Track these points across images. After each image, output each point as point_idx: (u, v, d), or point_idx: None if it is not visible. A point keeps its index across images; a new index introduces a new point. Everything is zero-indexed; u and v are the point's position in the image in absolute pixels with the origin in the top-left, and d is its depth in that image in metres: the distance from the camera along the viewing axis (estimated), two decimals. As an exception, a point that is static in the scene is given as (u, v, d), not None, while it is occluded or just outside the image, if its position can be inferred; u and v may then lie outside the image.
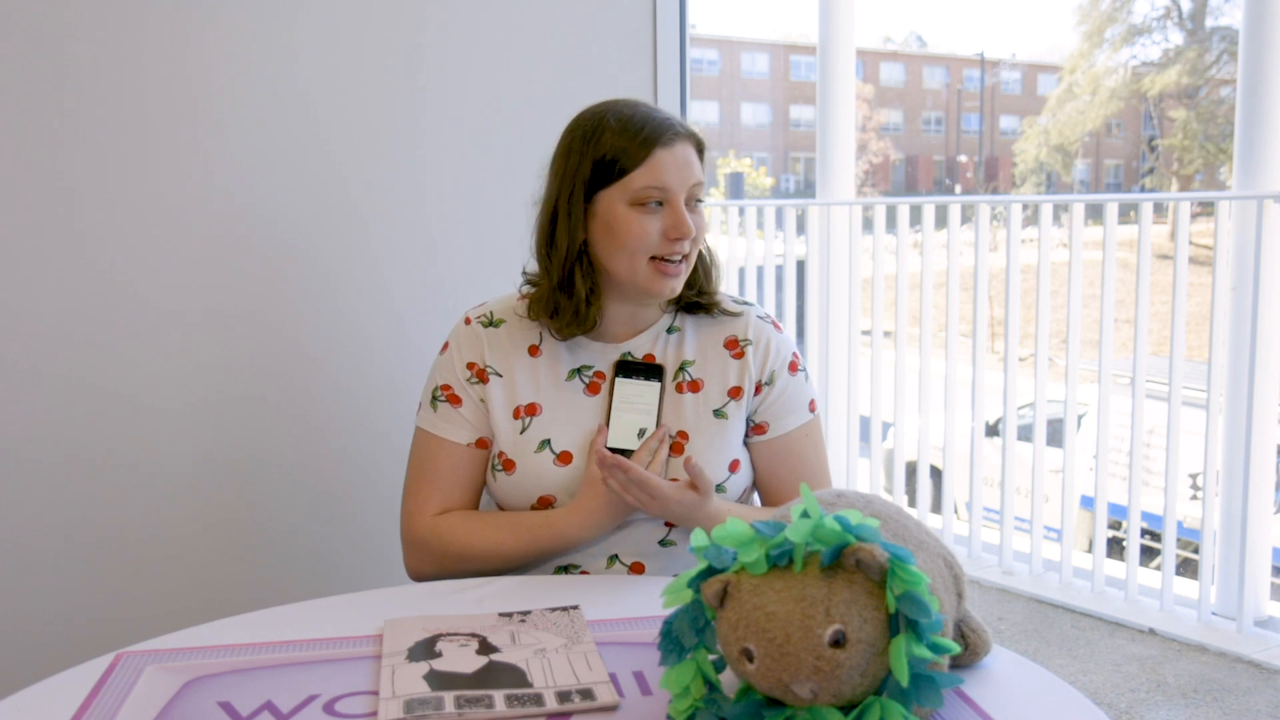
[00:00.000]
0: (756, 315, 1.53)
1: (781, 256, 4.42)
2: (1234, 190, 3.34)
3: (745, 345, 1.50)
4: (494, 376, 1.49)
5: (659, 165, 1.41)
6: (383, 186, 1.97)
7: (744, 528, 0.91)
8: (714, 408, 1.48)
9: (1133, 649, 3.21)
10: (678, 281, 1.45)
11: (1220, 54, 25.16)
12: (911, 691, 0.86)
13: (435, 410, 1.50)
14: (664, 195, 1.42)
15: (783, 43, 36.13)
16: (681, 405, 1.47)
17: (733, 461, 1.47)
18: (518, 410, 1.48)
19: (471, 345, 1.51)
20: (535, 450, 1.46)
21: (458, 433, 1.49)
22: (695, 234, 1.43)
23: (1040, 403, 3.75)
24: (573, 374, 1.49)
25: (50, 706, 1.03)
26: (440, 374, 1.52)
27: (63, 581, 1.77)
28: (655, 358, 1.49)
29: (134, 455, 1.81)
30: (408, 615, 1.23)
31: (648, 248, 1.42)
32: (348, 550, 2.00)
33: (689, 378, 1.49)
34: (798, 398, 1.51)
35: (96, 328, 1.76)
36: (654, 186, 1.41)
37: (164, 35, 1.78)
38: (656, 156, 1.42)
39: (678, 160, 1.43)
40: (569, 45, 2.11)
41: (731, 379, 1.49)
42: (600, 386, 1.48)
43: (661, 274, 1.43)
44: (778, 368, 1.50)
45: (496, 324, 1.52)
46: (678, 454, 1.45)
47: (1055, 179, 30.46)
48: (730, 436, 1.47)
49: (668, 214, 1.42)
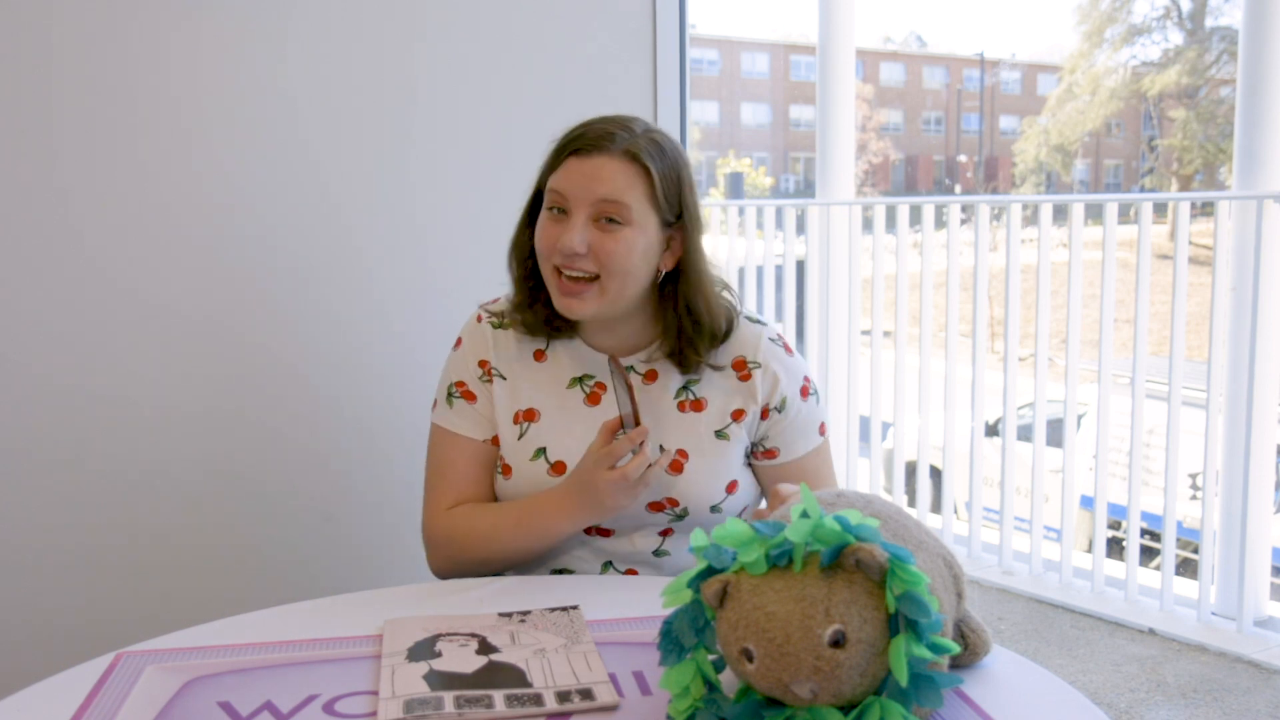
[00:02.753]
0: (768, 338, 1.48)
1: (781, 256, 4.41)
2: (1234, 190, 3.34)
3: (753, 368, 1.46)
4: (499, 379, 1.49)
5: (566, 170, 1.38)
6: (378, 190, 1.97)
7: (743, 528, 0.91)
8: (715, 428, 1.45)
9: (1133, 649, 3.21)
10: (579, 304, 1.38)
11: (1220, 54, 25.16)
12: (911, 691, 0.86)
13: (451, 406, 1.50)
14: (563, 203, 1.38)
15: (783, 43, 36.12)
16: (682, 424, 1.44)
17: (731, 483, 1.45)
18: (517, 415, 1.47)
19: (481, 343, 1.50)
20: (530, 458, 1.45)
21: (474, 429, 1.48)
22: (589, 252, 1.35)
23: (1040, 403, 3.75)
24: (574, 382, 1.48)
25: (51, 706, 1.03)
26: (454, 370, 1.51)
27: (63, 581, 1.77)
28: (658, 374, 1.46)
29: (134, 456, 1.81)
30: (407, 615, 1.23)
31: (548, 255, 1.39)
32: (348, 550, 2.00)
33: (692, 396, 1.45)
34: (809, 422, 1.49)
35: (96, 328, 1.76)
36: (554, 190, 1.39)
37: (160, 37, 1.78)
38: (569, 162, 1.38)
39: (586, 170, 1.36)
40: (569, 45, 2.11)
41: (736, 401, 1.45)
42: (601, 398, 1.46)
43: (562, 292, 1.38)
44: (790, 394, 1.46)
45: (505, 327, 1.51)
46: (676, 472, 1.43)
47: (1055, 179, 30.45)
48: (730, 458, 1.45)
49: (566, 223, 1.37)
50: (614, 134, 1.38)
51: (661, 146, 1.40)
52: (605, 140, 1.37)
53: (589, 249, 1.36)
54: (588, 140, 1.38)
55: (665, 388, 1.46)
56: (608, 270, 1.36)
